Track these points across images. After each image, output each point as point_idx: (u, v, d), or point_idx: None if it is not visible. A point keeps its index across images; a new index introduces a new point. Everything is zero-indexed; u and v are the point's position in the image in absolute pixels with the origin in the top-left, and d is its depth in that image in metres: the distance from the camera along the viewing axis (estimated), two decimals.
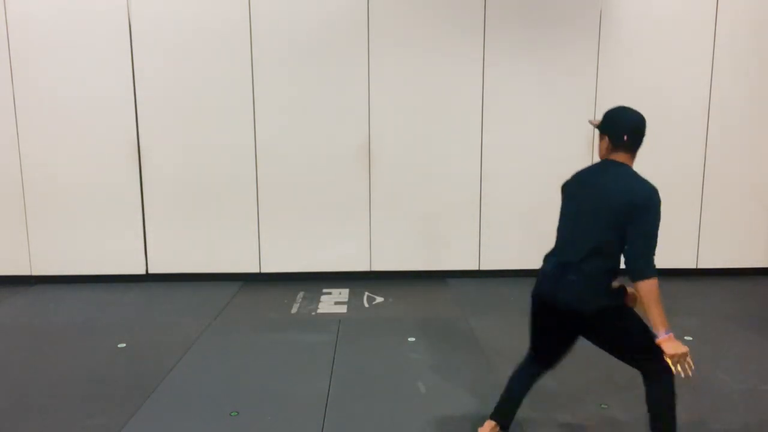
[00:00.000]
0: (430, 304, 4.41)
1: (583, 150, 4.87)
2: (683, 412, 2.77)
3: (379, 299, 4.52)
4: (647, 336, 2.14)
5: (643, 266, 2.06)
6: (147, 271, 4.90)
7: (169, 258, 4.89)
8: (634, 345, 2.17)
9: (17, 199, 4.75)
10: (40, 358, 3.43)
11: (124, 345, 3.61)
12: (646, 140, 2.21)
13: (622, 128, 2.17)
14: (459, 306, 4.36)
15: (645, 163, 2.23)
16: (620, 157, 2.20)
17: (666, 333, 2.05)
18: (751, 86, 4.91)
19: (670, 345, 2.04)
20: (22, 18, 4.54)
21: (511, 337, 3.64)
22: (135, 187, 4.78)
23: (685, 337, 3.71)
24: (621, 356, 2.23)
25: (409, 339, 3.71)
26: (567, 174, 2.38)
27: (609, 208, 2.10)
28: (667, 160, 4.88)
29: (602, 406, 2.84)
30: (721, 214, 5.05)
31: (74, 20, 4.56)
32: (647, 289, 2.04)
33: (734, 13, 4.81)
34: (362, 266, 4.99)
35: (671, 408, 2.18)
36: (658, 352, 2.09)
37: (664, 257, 2.62)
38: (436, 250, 5.01)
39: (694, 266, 5.11)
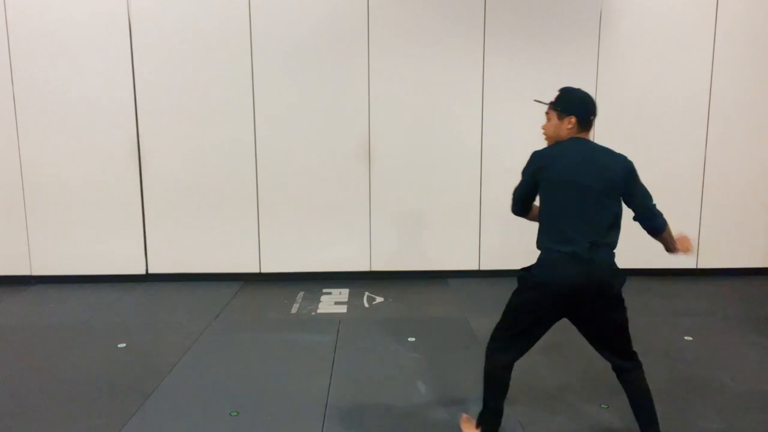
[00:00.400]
0: (430, 304, 4.41)
1: None
2: (683, 412, 2.78)
3: (379, 299, 4.52)
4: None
5: (659, 219, 2.27)
6: (147, 271, 4.90)
7: (169, 258, 4.89)
8: (627, 327, 2.28)
9: (17, 199, 4.75)
10: (40, 358, 3.43)
11: (124, 345, 3.60)
12: (645, 140, 2.23)
13: (591, 109, 2.34)
14: (459, 306, 4.36)
15: (645, 163, 2.24)
16: (585, 135, 2.33)
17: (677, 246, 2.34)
18: (751, 86, 4.91)
19: (684, 243, 2.35)
20: (22, 18, 4.55)
21: None
22: (135, 187, 4.78)
23: (685, 337, 3.71)
24: (618, 339, 2.26)
25: (409, 339, 3.70)
26: None
27: (614, 180, 2.20)
28: (667, 160, 4.88)
29: (602, 406, 2.84)
30: (721, 214, 5.05)
31: (74, 20, 4.57)
32: (668, 232, 2.30)
33: (734, 13, 4.81)
34: (362, 266, 4.99)
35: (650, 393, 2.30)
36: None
37: (664, 257, 2.63)
38: (436, 250, 5.01)
39: (694, 266, 5.11)
